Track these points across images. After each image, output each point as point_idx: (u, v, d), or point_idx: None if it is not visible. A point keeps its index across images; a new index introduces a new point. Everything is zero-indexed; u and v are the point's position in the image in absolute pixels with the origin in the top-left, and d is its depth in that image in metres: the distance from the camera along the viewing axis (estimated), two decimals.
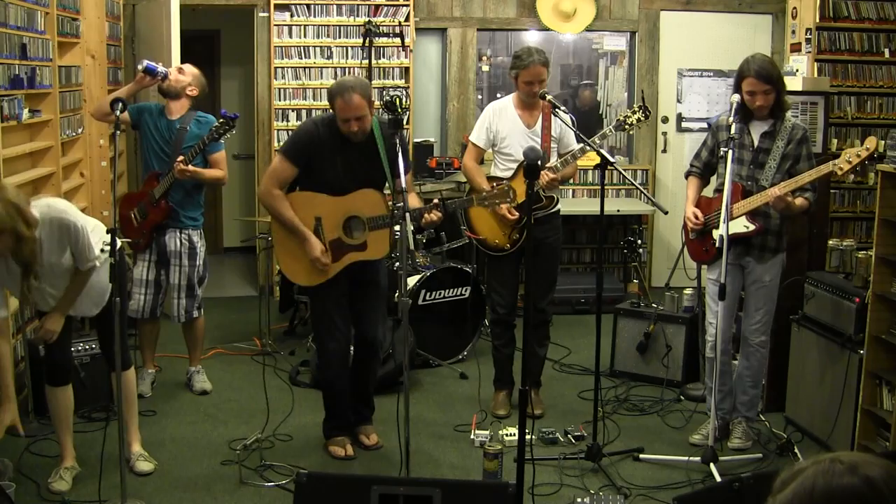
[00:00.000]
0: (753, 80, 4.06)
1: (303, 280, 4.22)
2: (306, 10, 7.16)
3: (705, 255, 4.37)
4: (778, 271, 4.30)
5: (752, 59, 4.11)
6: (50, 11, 5.16)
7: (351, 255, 4.11)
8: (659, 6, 7.58)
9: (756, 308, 4.27)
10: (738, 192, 4.17)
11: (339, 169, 4.06)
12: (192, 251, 4.93)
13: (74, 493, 3.81)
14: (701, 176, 4.47)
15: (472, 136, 4.82)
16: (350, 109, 3.96)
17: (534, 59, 4.50)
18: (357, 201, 4.07)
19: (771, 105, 4.11)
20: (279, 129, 7.23)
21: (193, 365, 5.18)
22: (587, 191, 7.61)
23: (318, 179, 4.11)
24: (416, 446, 4.17)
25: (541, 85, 4.53)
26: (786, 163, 4.14)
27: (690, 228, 4.36)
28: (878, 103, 6.61)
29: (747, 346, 4.32)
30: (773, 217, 4.19)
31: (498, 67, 7.74)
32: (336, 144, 4.07)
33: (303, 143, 4.11)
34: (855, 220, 6.67)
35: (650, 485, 3.96)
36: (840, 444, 4.21)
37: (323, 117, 4.22)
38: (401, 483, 2.97)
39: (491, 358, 5.03)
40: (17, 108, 4.70)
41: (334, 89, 4.03)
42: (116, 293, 3.47)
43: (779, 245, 4.27)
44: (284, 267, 4.25)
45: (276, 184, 4.11)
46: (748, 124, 4.19)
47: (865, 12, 6.52)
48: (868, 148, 3.91)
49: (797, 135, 4.16)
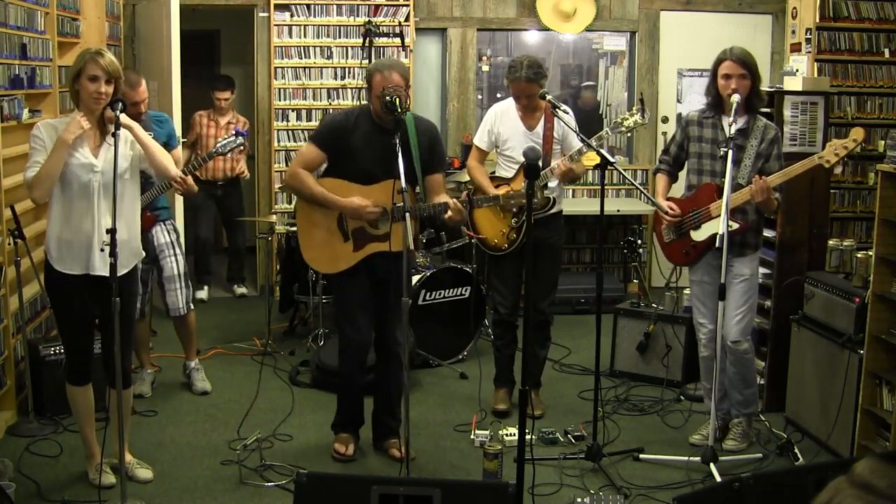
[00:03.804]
0: (731, 63, 4.07)
1: (325, 267, 4.20)
2: (306, 10, 7.16)
3: (685, 258, 4.35)
4: (757, 267, 4.30)
5: (731, 48, 4.14)
6: (50, 11, 5.16)
7: (373, 244, 4.06)
8: (659, 6, 7.58)
9: (737, 306, 4.20)
10: (712, 191, 4.17)
11: (370, 159, 4.01)
12: (178, 239, 4.97)
13: (74, 494, 3.81)
14: (669, 174, 4.46)
15: (476, 138, 4.83)
16: (389, 83, 3.93)
17: (520, 76, 4.47)
18: (382, 192, 3.99)
19: (746, 96, 4.10)
20: (279, 129, 7.23)
21: (191, 359, 5.16)
22: (587, 191, 7.62)
23: (347, 167, 4.05)
24: (416, 446, 4.17)
25: (529, 100, 4.53)
26: (759, 161, 4.14)
27: (667, 224, 4.34)
28: (878, 103, 6.61)
29: (731, 354, 4.26)
30: (750, 214, 4.19)
31: (498, 67, 7.75)
32: (369, 134, 4.02)
33: (330, 129, 4.11)
34: (855, 220, 6.67)
35: (650, 485, 3.96)
36: (840, 444, 4.21)
37: (357, 107, 4.25)
38: (401, 483, 2.97)
39: (491, 358, 5.03)
40: (17, 108, 4.70)
41: (373, 66, 4.08)
42: (116, 293, 3.46)
43: (757, 242, 4.28)
44: (307, 254, 4.20)
45: (301, 165, 4.10)
46: (720, 119, 4.17)
47: (865, 12, 6.52)
48: (855, 139, 3.90)
49: (769, 134, 4.15)
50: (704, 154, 4.25)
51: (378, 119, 4.02)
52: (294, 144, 7.18)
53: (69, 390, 3.87)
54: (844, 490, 1.23)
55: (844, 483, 1.24)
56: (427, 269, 5.61)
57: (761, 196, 3.96)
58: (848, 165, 6.53)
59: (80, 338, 3.81)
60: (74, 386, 3.86)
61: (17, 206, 4.45)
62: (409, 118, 4.03)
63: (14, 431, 4.43)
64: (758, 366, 4.90)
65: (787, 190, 4.23)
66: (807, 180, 4.52)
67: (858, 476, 1.24)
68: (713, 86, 4.18)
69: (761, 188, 3.94)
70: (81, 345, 3.83)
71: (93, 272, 3.66)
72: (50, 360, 4.60)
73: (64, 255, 3.67)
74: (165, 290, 4.91)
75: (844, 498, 1.22)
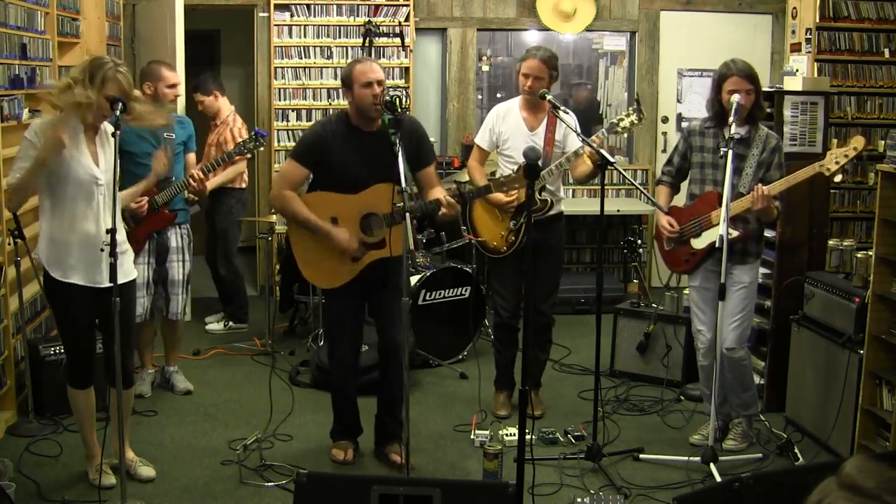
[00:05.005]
0: (738, 79, 4.05)
1: (326, 283, 4.11)
2: (306, 10, 7.16)
3: (685, 266, 4.34)
4: (756, 276, 4.30)
5: (734, 61, 4.12)
6: (50, 11, 5.16)
7: (371, 253, 3.99)
8: (659, 6, 7.58)
9: (734, 313, 4.18)
10: (713, 199, 4.16)
11: (355, 165, 3.94)
12: (190, 244, 4.98)
13: (74, 494, 3.81)
14: (671, 185, 4.46)
15: (477, 137, 4.82)
16: (372, 72, 3.89)
17: (533, 53, 4.52)
18: (372, 197, 3.93)
19: (750, 108, 4.10)
20: (279, 129, 7.23)
21: (172, 364, 5.15)
22: (587, 191, 7.61)
23: (333, 177, 3.98)
24: (416, 446, 4.16)
25: (536, 82, 4.50)
26: (760, 170, 4.14)
27: (666, 238, 4.35)
28: (878, 103, 6.61)
29: (727, 361, 4.24)
30: (751, 222, 4.19)
31: (498, 67, 7.75)
32: (348, 140, 3.97)
33: (308, 144, 4.04)
34: (855, 220, 6.67)
35: (650, 485, 3.96)
36: (840, 444, 4.21)
37: (332, 115, 4.19)
38: (401, 483, 2.96)
39: (491, 358, 5.03)
40: (17, 108, 4.70)
41: (349, 64, 4.04)
42: (116, 293, 3.46)
43: (758, 251, 4.28)
44: (306, 272, 4.11)
45: (286, 186, 4.00)
46: (722, 129, 4.13)
47: (865, 12, 6.52)
48: (856, 148, 3.89)
49: (771, 143, 4.15)
50: (706, 164, 4.25)
51: (356, 121, 3.97)
52: (292, 146, 7.17)
53: (70, 393, 3.86)
54: (833, 491, 1.23)
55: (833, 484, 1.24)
56: (427, 269, 5.61)
57: (761, 204, 3.96)
58: (847, 172, 6.52)
59: (81, 341, 3.79)
60: (76, 389, 3.85)
61: None
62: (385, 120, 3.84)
63: (14, 431, 4.43)
64: (758, 366, 4.91)
65: (785, 199, 4.23)
66: (807, 181, 4.51)
67: (847, 476, 1.23)
68: (716, 100, 4.15)
69: (761, 196, 3.95)
70: (83, 348, 3.81)
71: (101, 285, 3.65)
72: (50, 360, 4.60)
73: (63, 262, 3.64)
74: (168, 293, 4.91)
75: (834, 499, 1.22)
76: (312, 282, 4.21)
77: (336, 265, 4.01)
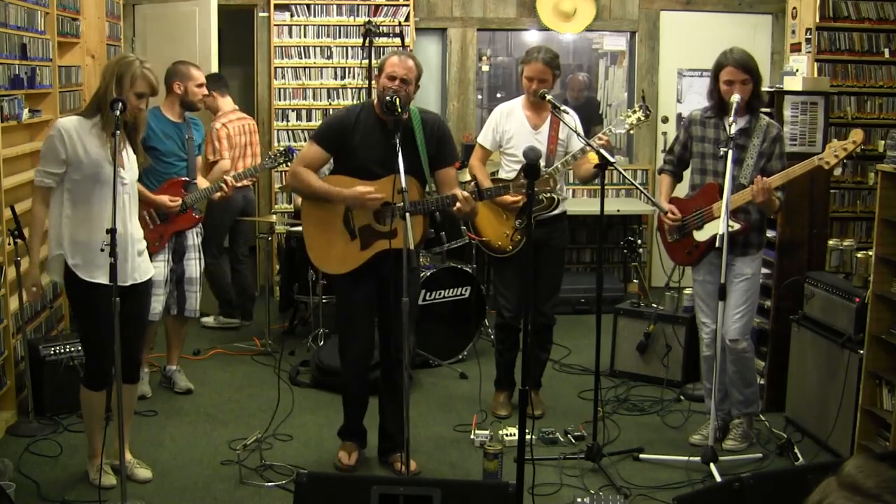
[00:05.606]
0: (732, 69, 4.06)
1: (333, 268, 4.10)
2: (306, 10, 7.16)
3: (688, 258, 4.35)
4: (759, 267, 4.30)
5: (731, 51, 4.12)
6: (50, 11, 5.16)
7: (380, 242, 3.97)
8: (659, 6, 7.59)
9: (737, 305, 4.19)
10: (714, 191, 4.17)
11: (371, 156, 3.94)
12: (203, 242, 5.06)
13: (74, 494, 3.81)
14: (673, 174, 4.47)
15: (480, 136, 4.82)
16: (398, 66, 3.88)
17: (537, 57, 4.50)
18: (389, 187, 3.89)
19: (748, 98, 4.10)
20: (279, 129, 7.23)
21: (174, 364, 5.16)
22: (587, 191, 7.61)
23: (349, 164, 3.99)
24: (416, 446, 4.16)
25: (541, 84, 4.50)
26: (761, 160, 4.14)
27: (668, 227, 4.35)
28: (878, 103, 6.61)
29: (731, 353, 4.26)
30: (752, 213, 4.19)
31: (498, 67, 7.75)
32: (371, 131, 3.97)
33: (330, 127, 4.06)
34: (855, 220, 6.67)
35: (650, 485, 3.96)
36: (840, 444, 4.21)
37: (362, 103, 4.20)
38: (401, 483, 2.96)
39: (491, 358, 5.03)
40: (17, 108, 4.70)
41: (388, 53, 4.10)
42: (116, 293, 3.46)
43: (760, 242, 4.28)
44: (314, 256, 4.11)
45: (301, 163, 4.03)
46: (722, 119, 4.14)
47: (865, 12, 6.52)
48: (855, 141, 3.89)
49: (772, 133, 4.15)
50: (707, 154, 4.25)
51: (380, 111, 3.96)
52: (294, 145, 7.17)
53: (85, 394, 3.83)
54: (834, 491, 1.23)
55: (833, 483, 1.24)
56: (427, 269, 5.60)
57: (762, 197, 3.96)
58: (847, 166, 6.53)
59: (104, 343, 3.66)
60: (93, 391, 3.82)
61: (16, 206, 4.45)
62: (414, 113, 3.98)
63: (14, 431, 4.43)
64: (758, 365, 4.90)
65: (787, 190, 4.23)
66: (807, 180, 4.52)
67: (847, 476, 1.24)
68: (715, 90, 4.16)
69: (762, 189, 3.94)
70: (105, 350, 3.69)
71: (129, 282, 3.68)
72: (50, 360, 4.60)
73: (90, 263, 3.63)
74: (185, 291, 4.94)
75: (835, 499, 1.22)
76: (319, 266, 4.20)
77: (344, 250, 4.02)
